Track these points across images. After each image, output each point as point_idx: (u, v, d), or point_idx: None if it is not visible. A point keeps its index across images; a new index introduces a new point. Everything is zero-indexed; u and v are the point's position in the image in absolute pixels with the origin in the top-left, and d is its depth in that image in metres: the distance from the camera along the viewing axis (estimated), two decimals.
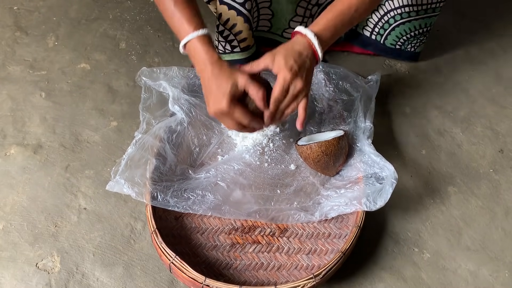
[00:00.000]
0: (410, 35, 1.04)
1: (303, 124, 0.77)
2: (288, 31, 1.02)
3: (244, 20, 0.88)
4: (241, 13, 0.87)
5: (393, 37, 1.06)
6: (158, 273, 0.78)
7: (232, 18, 0.88)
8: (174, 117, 0.89)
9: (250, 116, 0.74)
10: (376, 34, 1.07)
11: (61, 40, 1.15)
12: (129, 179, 0.77)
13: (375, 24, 1.05)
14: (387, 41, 1.08)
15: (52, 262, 0.78)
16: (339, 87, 1.01)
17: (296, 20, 0.99)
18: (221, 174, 0.85)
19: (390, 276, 0.79)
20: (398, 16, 1.00)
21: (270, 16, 0.97)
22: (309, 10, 0.98)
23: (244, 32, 0.91)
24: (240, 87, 0.72)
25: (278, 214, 0.80)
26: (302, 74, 0.74)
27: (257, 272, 0.76)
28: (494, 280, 0.80)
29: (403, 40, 1.06)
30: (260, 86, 0.72)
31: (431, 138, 1.00)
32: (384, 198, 0.75)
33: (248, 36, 0.93)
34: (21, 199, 0.86)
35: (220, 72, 0.73)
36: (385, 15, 1.02)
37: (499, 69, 1.15)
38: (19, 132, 0.96)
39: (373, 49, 1.11)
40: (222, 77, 0.73)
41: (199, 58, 0.75)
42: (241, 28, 0.90)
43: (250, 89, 0.72)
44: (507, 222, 0.87)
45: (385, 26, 1.04)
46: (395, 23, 1.02)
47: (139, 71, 0.92)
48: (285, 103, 0.75)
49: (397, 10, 0.99)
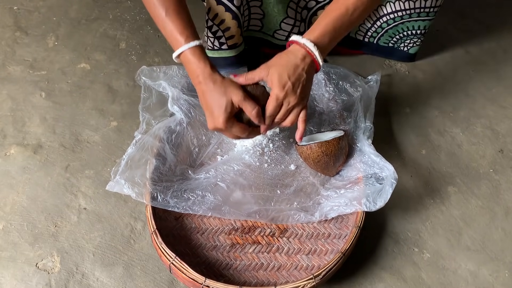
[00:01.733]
0: (403, 34, 1.04)
1: (302, 137, 0.78)
2: (279, 33, 1.01)
3: (232, 16, 0.87)
4: (229, 9, 0.86)
5: (386, 37, 1.07)
6: (158, 273, 0.78)
7: (221, 14, 0.87)
8: (173, 117, 0.89)
9: (247, 129, 0.75)
10: (369, 37, 1.08)
11: (61, 40, 1.15)
12: (129, 179, 0.77)
13: (368, 29, 1.05)
14: (380, 41, 1.08)
15: (52, 262, 0.78)
16: (339, 87, 1.01)
17: (287, 22, 0.98)
18: (221, 175, 0.85)
19: (390, 276, 0.79)
20: (391, 21, 1.00)
21: (261, 16, 0.97)
22: (299, 14, 0.97)
23: (232, 29, 0.90)
24: (235, 105, 0.73)
25: (278, 215, 0.80)
26: (296, 90, 0.74)
27: (257, 273, 0.76)
28: (494, 280, 0.80)
29: (396, 39, 1.07)
30: (254, 104, 0.73)
31: (431, 138, 1.00)
32: (384, 199, 0.75)
33: (236, 33, 0.92)
34: (21, 199, 0.86)
35: (214, 88, 0.73)
36: (378, 20, 1.02)
37: (499, 69, 1.15)
38: (19, 132, 0.96)
39: (366, 50, 1.12)
40: (216, 94, 0.73)
41: (193, 71, 0.75)
42: (229, 24, 0.89)
43: (245, 107, 0.73)
44: (507, 222, 0.87)
45: (378, 30, 1.05)
46: (388, 26, 1.03)
47: (139, 70, 0.92)
48: (279, 117, 0.76)
49: (390, 15, 0.99)
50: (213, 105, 0.73)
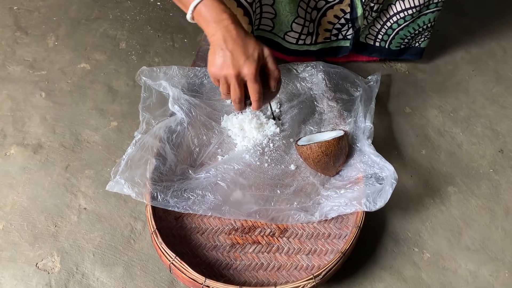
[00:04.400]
0: (414, 33, 1.03)
1: None
2: (290, 34, 1.01)
3: (243, 12, 0.87)
4: (241, 5, 0.86)
5: (398, 40, 1.05)
6: (158, 273, 0.78)
7: (232, 9, 0.87)
8: (174, 117, 0.89)
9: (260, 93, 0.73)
10: (380, 41, 1.07)
11: (61, 40, 1.15)
12: (129, 179, 0.77)
13: (378, 31, 1.04)
14: (392, 45, 1.07)
15: (52, 262, 0.78)
16: (339, 87, 1.01)
17: (298, 23, 0.98)
18: (221, 174, 0.84)
19: (390, 276, 0.79)
20: (402, 20, 0.99)
21: (273, 15, 0.97)
22: (309, 14, 0.97)
23: (243, 25, 0.90)
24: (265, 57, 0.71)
25: (278, 214, 0.80)
26: None
27: (257, 273, 0.76)
28: (494, 280, 0.80)
29: (407, 40, 1.06)
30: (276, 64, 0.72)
31: (431, 138, 1.00)
32: (384, 199, 0.75)
33: (246, 30, 0.92)
34: (21, 199, 0.86)
35: (246, 35, 0.70)
36: (388, 21, 1.01)
37: (499, 69, 1.15)
38: (19, 132, 0.96)
39: (379, 55, 1.11)
40: (249, 41, 0.70)
41: (217, 15, 0.69)
42: (240, 20, 0.89)
43: (270, 63, 0.71)
44: (507, 222, 0.87)
45: (389, 32, 1.03)
46: (398, 27, 1.01)
47: (139, 70, 0.92)
48: None
49: (400, 14, 0.98)
50: (245, 51, 0.69)
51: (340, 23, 0.99)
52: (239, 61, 0.70)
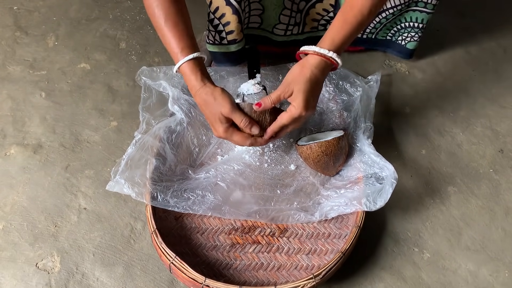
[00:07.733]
0: (400, 26, 1.05)
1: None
2: (278, 27, 1.02)
3: (232, 11, 0.88)
4: (229, 3, 0.87)
5: (384, 30, 1.08)
6: (158, 273, 0.78)
7: (221, 7, 0.88)
8: (173, 117, 0.89)
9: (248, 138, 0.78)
10: (368, 33, 1.09)
11: (61, 40, 1.15)
12: (129, 179, 0.77)
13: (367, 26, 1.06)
14: (378, 35, 1.09)
15: (52, 262, 0.78)
16: (339, 87, 1.01)
17: (285, 14, 0.99)
18: (221, 174, 0.85)
19: (390, 276, 0.79)
20: (390, 15, 1.01)
21: (261, 11, 0.98)
22: (296, 4, 0.98)
23: (232, 24, 0.90)
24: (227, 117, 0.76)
25: (278, 214, 0.80)
26: (314, 105, 0.78)
27: (257, 272, 0.76)
28: (494, 280, 0.80)
29: (394, 31, 1.07)
30: (242, 116, 0.76)
31: (431, 138, 1.00)
32: (384, 198, 0.75)
33: (236, 29, 0.92)
34: (21, 199, 0.86)
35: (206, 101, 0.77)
36: (377, 17, 1.02)
37: (499, 69, 1.15)
38: (19, 132, 0.96)
39: (365, 45, 1.12)
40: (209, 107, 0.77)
41: (188, 83, 0.79)
42: (229, 19, 0.89)
43: (234, 119, 0.76)
44: (507, 222, 0.87)
45: (377, 26, 1.06)
46: (386, 21, 1.03)
47: (139, 70, 0.92)
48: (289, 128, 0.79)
49: (390, 10, 1.00)
50: (210, 117, 0.78)
51: (329, 16, 1.00)
52: (212, 123, 0.79)
